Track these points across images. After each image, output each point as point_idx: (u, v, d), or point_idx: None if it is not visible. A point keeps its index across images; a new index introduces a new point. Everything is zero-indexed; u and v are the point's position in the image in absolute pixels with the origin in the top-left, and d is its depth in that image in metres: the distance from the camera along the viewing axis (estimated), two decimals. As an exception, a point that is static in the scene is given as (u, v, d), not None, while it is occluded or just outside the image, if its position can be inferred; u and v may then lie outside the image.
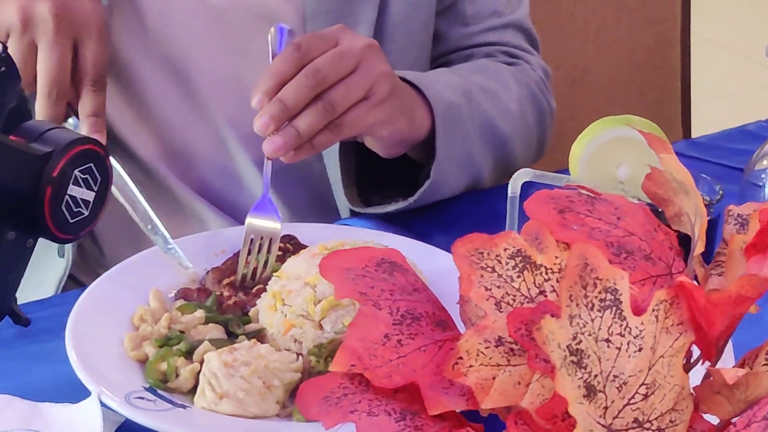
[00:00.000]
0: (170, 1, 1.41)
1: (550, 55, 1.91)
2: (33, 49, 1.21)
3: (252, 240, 1.24)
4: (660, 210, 1.12)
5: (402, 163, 1.41)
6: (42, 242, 1.43)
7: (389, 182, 1.43)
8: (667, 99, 2.00)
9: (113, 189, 1.22)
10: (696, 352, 0.77)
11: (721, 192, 1.10)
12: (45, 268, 1.45)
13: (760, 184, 1.25)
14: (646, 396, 0.65)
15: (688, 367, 0.71)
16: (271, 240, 1.25)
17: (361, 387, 0.69)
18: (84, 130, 1.23)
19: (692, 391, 0.67)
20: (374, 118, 1.27)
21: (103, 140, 1.23)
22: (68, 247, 1.41)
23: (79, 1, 1.23)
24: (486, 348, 0.67)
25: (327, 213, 1.47)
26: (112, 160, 1.04)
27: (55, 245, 1.43)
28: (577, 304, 0.64)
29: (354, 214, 1.42)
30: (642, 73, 1.98)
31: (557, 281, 0.68)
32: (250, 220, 1.26)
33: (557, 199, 0.71)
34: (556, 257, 0.68)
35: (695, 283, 0.71)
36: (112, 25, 1.38)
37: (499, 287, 0.68)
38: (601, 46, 1.93)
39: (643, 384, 0.65)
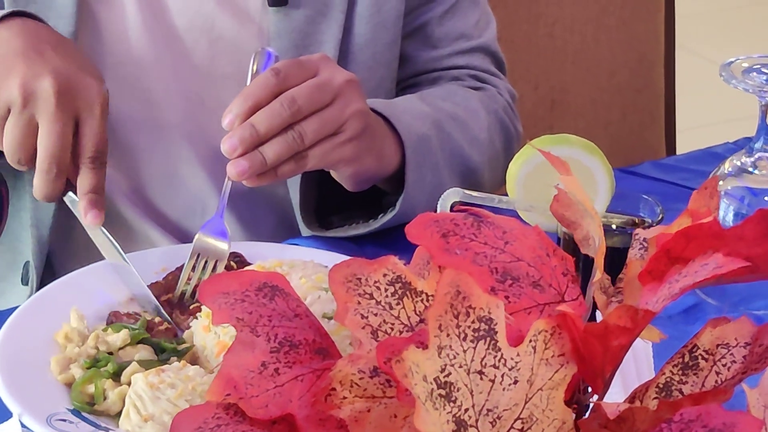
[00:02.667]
0: (131, 22, 1.38)
1: (528, 76, 1.87)
2: (33, 125, 1.18)
3: (198, 257, 1.22)
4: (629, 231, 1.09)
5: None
6: (4, 269, 1.41)
7: (350, 202, 1.41)
8: (651, 122, 1.96)
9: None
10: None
11: (662, 214, 1.07)
12: (9, 295, 1.43)
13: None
14: (522, 431, 0.62)
15: (581, 400, 0.68)
16: (216, 261, 1.23)
17: (236, 417, 0.66)
18: (82, 206, 1.20)
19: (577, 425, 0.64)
20: (341, 155, 1.25)
21: (101, 217, 1.20)
22: (32, 275, 1.39)
23: (82, 78, 1.20)
24: (360, 379, 0.64)
25: (291, 235, 1.44)
26: None
27: (18, 272, 1.41)
28: (448, 335, 0.61)
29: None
30: (624, 94, 1.94)
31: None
32: (199, 236, 1.24)
33: (441, 222, 0.67)
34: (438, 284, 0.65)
35: (594, 312, 0.68)
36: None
37: (376, 315, 0.65)
38: (580, 66, 1.89)
39: (518, 419, 0.62)
